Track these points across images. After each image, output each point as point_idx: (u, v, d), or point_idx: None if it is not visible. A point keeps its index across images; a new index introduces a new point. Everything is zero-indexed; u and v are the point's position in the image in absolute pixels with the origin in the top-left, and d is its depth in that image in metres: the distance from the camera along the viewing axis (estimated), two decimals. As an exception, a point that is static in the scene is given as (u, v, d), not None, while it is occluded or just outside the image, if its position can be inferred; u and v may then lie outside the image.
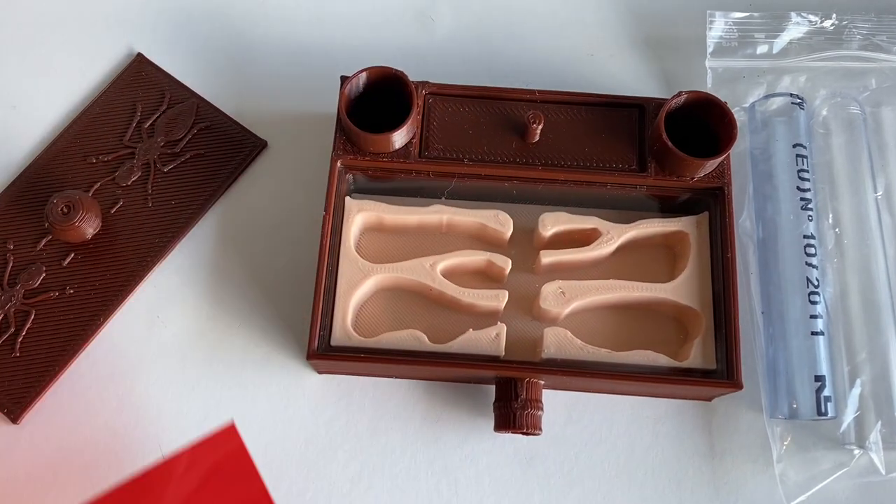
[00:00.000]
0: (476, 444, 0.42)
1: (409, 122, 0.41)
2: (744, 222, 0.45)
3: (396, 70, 0.42)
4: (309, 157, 0.47)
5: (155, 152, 0.47)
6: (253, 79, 0.49)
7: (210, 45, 0.50)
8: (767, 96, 0.47)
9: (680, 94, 0.42)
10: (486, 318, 0.42)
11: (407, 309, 0.43)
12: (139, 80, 0.49)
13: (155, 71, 0.49)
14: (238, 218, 0.46)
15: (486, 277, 0.44)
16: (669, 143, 0.41)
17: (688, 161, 0.41)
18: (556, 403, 0.43)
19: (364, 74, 0.42)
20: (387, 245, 0.44)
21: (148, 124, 0.48)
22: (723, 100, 0.46)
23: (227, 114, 0.48)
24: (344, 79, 0.42)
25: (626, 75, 0.49)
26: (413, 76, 0.44)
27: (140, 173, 0.47)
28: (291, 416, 0.43)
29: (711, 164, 0.42)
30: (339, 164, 0.42)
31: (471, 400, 0.43)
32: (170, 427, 0.42)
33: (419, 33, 0.50)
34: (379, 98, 0.43)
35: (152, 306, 0.44)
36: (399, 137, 0.42)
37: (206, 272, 0.45)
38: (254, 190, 0.47)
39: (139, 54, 0.49)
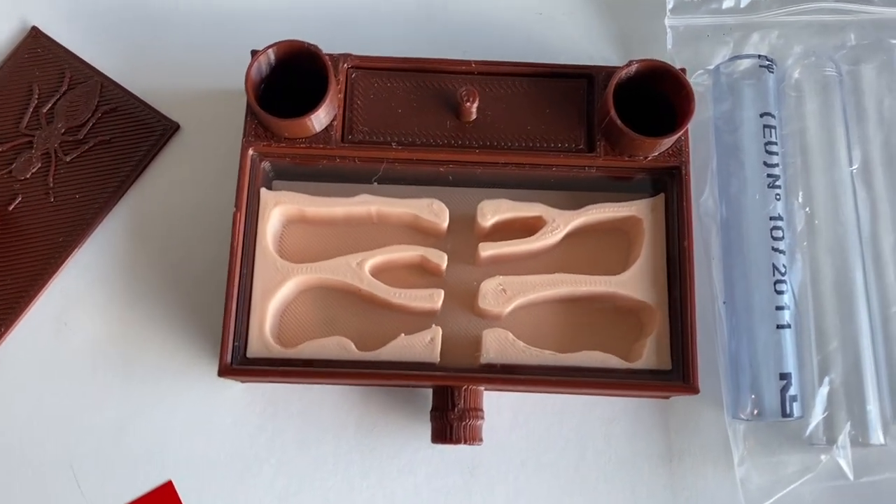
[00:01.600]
0: (414, 453, 0.39)
1: (327, 101, 0.37)
2: (706, 201, 0.41)
3: (308, 44, 0.37)
4: (226, 139, 0.42)
5: (55, 140, 0.43)
6: (162, 54, 0.44)
7: (113, 16, 0.45)
8: (734, 58, 0.42)
9: (630, 63, 0.37)
10: (422, 318, 0.39)
11: (334, 311, 0.39)
12: (35, 59, 0.44)
13: (53, 47, 0.44)
14: (150, 210, 0.42)
15: (422, 271, 0.40)
16: (619, 121, 0.37)
17: (640, 140, 0.37)
18: (499, 406, 0.39)
19: (271, 51, 0.37)
20: (312, 239, 0.40)
21: (47, 108, 0.43)
22: (684, 63, 0.42)
23: (135, 94, 0.43)
24: (255, 53, 0.38)
25: (578, 36, 0.44)
26: (341, 46, 0.39)
27: (40, 164, 0.42)
28: (213, 428, 0.39)
29: (667, 143, 0.37)
30: (251, 152, 0.38)
31: (408, 405, 0.40)
32: (82, 443, 0.39)
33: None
34: (299, 76, 0.38)
35: (59, 312, 0.41)
36: (317, 120, 0.37)
37: (116, 272, 0.41)
38: (166, 178, 0.42)
39: (34, 28, 0.44)
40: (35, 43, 0.44)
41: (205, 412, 0.39)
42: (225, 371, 0.36)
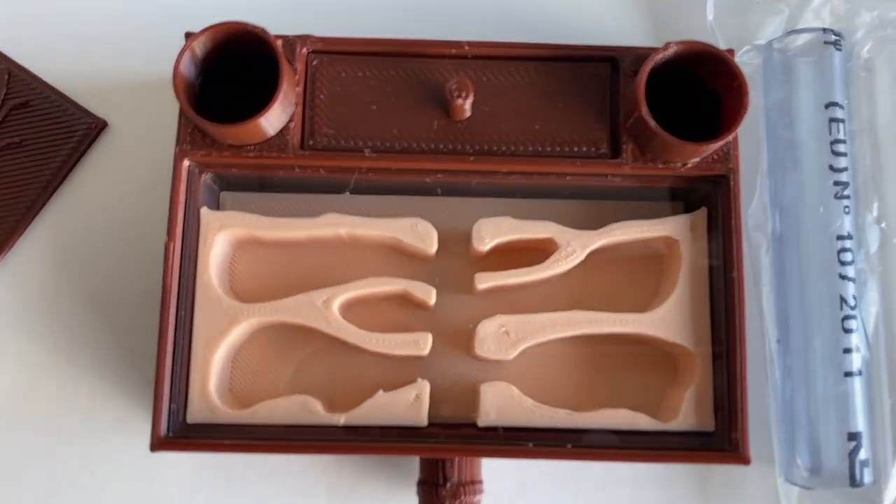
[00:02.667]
0: (399, 527, 0.32)
1: (280, 98, 0.29)
2: (754, 211, 0.34)
3: (251, 26, 0.29)
4: (164, 137, 0.34)
5: (-43, 142, 0.35)
6: (85, 37, 0.36)
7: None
8: (790, 32, 0.34)
9: (667, 45, 0.29)
10: (406, 367, 0.31)
11: (297, 361, 0.32)
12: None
13: (-48, 24, 0.36)
14: (73, 228, 0.35)
15: (405, 304, 0.32)
16: (652, 121, 0.29)
17: (678, 145, 0.29)
18: (501, 471, 0.33)
19: (205, 38, 0.29)
20: (269, 267, 0.32)
21: (-58, 102, 0.35)
22: (728, 38, 0.35)
23: (52, 85, 0.35)
24: (189, 38, 0.30)
25: (599, 8, 0.35)
26: (299, 27, 0.31)
27: (-61, 172, 0.35)
28: (155, 500, 0.32)
29: (712, 148, 0.30)
30: (186, 164, 0.30)
31: (390, 469, 0.33)
32: (-5, 520, 0.32)
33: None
34: (247, 67, 0.30)
35: (-34, 357, 0.33)
36: (269, 122, 0.29)
37: (33, 305, 0.34)
38: (92, 188, 0.35)
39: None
40: (-72, 21, 0.36)
41: (144, 484, 0.33)
42: (159, 445, 0.28)
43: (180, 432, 0.29)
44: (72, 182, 0.35)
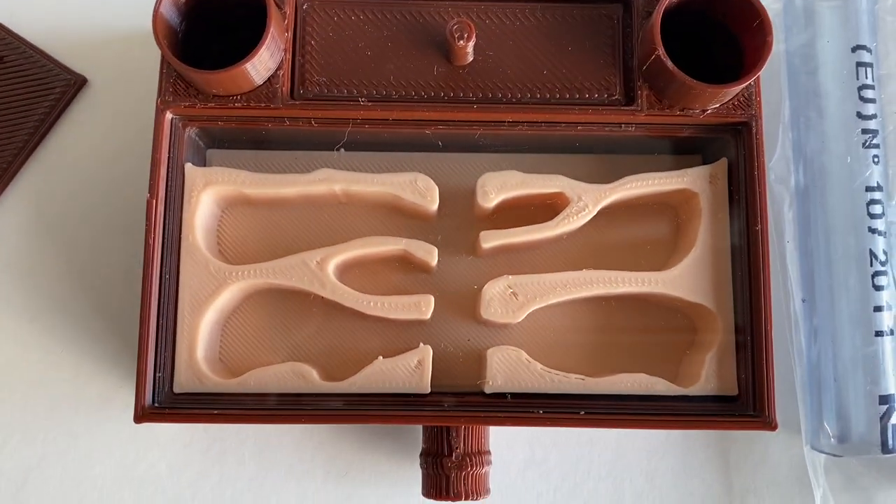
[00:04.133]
0: (401, 502, 0.30)
1: (268, 42, 0.27)
2: (777, 164, 0.32)
3: (238, -37, 0.27)
4: (146, 94, 0.32)
5: (-69, 101, 0.33)
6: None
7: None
8: (814, -28, 0.32)
9: (685, -19, 0.27)
10: (407, 332, 0.29)
11: (291, 325, 0.30)
12: None
13: (-78, -24, 0.34)
14: (52, 190, 0.33)
15: (405, 266, 0.30)
16: (669, 62, 0.27)
17: (697, 88, 0.27)
18: (510, 437, 0.31)
19: (186, -25, 0.27)
20: (259, 228, 0.30)
21: (-83, 58, 0.33)
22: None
23: (28, 40, 0.33)
24: (170, -20, 0.27)
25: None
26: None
27: None
28: (143, 475, 0.31)
29: (732, 92, 0.28)
30: (169, 117, 0.28)
31: (392, 441, 0.31)
32: (-24, 498, 0.30)
33: None
34: (231, 13, 0.28)
35: (-60, 328, 0.31)
36: (255, 69, 0.27)
37: (12, 273, 0.32)
38: (71, 148, 0.33)
39: None
40: None
41: (132, 457, 0.31)
42: (144, 415, 0.27)
43: (167, 402, 0.27)
44: (49, 142, 0.33)
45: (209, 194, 0.29)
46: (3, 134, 0.32)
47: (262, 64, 0.27)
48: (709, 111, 0.28)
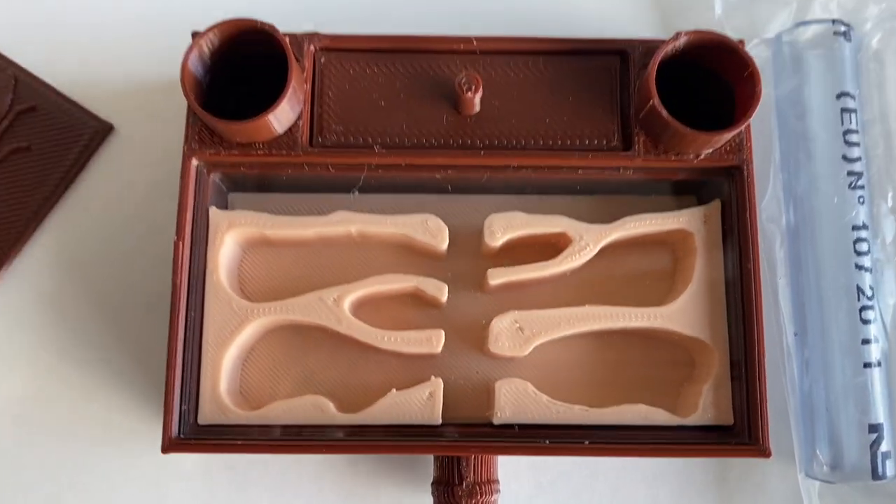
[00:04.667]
0: (414, 529, 0.32)
1: (289, 95, 0.29)
2: (768, 204, 0.33)
3: (260, 23, 0.28)
4: (170, 140, 0.34)
5: (-36, 148, 0.35)
6: (90, 40, 0.35)
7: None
8: (799, 24, 0.34)
9: (677, 35, 0.29)
10: (419, 365, 0.31)
11: (308, 360, 0.31)
12: (-63, 46, 0.36)
13: (-41, 31, 0.36)
14: (81, 231, 0.34)
15: (417, 302, 0.32)
16: (663, 111, 0.29)
17: (690, 135, 0.29)
18: (517, 468, 0.32)
19: (213, 34, 0.28)
20: (279, 266, 0.32)
21: (-48, 108, 0.35)
22: (737, 31, 0.34)
23: (58, 90, 0.35)
24: (195, 37, 0.29)
25: (605, 6, 0.35)
26: (312, 20, 0.31)
27: (-54, 179, 0.34)
28: (166, 504, 0.32)
29: (725, 138, 0.29)
30: (195, 163, 0.30)
31: (405, 470, 0.32)
32: (5, 527, 0.32)
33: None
34: (254, 65, 0.30)
35: (-27, 362, 0.33)
36: (277, 120, 0.29)
37: (40, 312, 0.33)
38: (99, 192, 0.35)
39: (-66, 9, 0.36)
40: (-67, 28, 0.36)
41: (155, 488, 0.32)
42: (170, 446, 0.28)
43: (191, 434, 0.29)
44: (79, 186, 0.34)
45: (232, 236, 0.30)
46: (35, 178, 0.34)
47: (283, 115, 0.29)
48: (702, 156, 0.30)
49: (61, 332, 0.33)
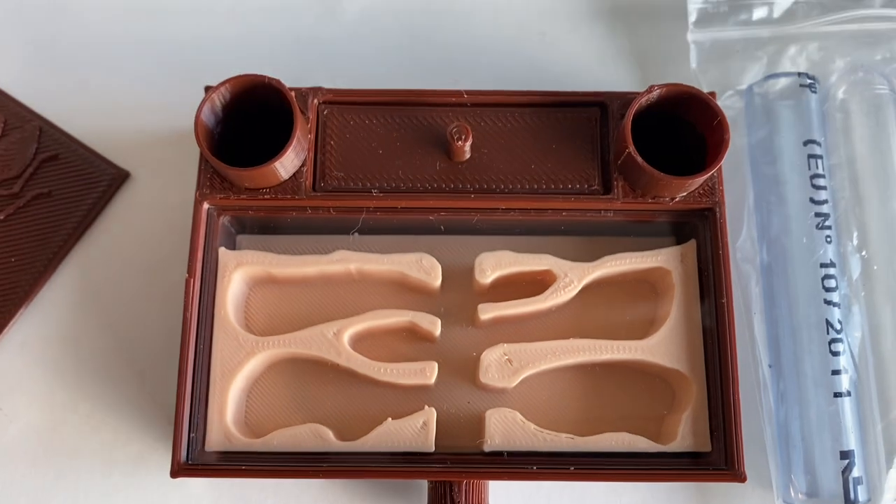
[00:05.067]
0: (409, 554, 0.33)
1: (294, 144, 0.31)
2: (743, 244, 0.35)
3: (268, 78, 0.31)
4: (182, 186, 0.36)
5: (-11, 195, 0.37)
6: (107, 93, 0.38)
7: (53, 51, 0.39)
8: (769, 77, 0.36)
9: (651, 88, 0.32)
10: (413, 395, 0.33)
11: (309, 390, 0.33)
12: (-35, 101, 0.39)
13: (-15, 87, 0.39)
14: (96, 273, 0.36)
15: (412, 336, 0.34)
16: (639, 159, 0.31)
17: (665, 180, 0.31)
18: (508, 495, 0.34)
19: (225, 89, 0.31)
20: (283, 302, 0.34)
21: (-21, 158, 0.38)
22: (711, 83, 0.37)
23: (78, 139, 0.37)
24: (208, 91, 0.32)
25: (587, 57, 0.38)
26: (312, 78, 0.34)
27: (-28, 223, 0.37)
28: (173, 530, 0.33)
29: (697, 182, 0.32)
30: (206, 207, 0.32)
31: (399, 497, 0.34)
32: (19, 552, 0.33)
33: (321, 20, 0.39)
34: (261, 115, 0.33)
35: (-6, 394, 0.35)
36: (283, 167, 0.32)
37: (58, 348, 0.35)
38: (115, 235, 0.37)
39: (-35, 66, 0.39)
40: (-36, 83, 0.39)
41: (163, 512, 0.34)
42: (179, 471, 0.30)
43: (199, 459, 0.30)
44: (95, 229, 0.37)
45: (239, 274, 0.33)
46: (55, 221, 0.37)
47: (288, 162, 0.32)
48: (678, 199, 0.32)
49: (78, 367, 0.35)
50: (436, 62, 0.38)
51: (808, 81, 0.36)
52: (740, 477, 0.30)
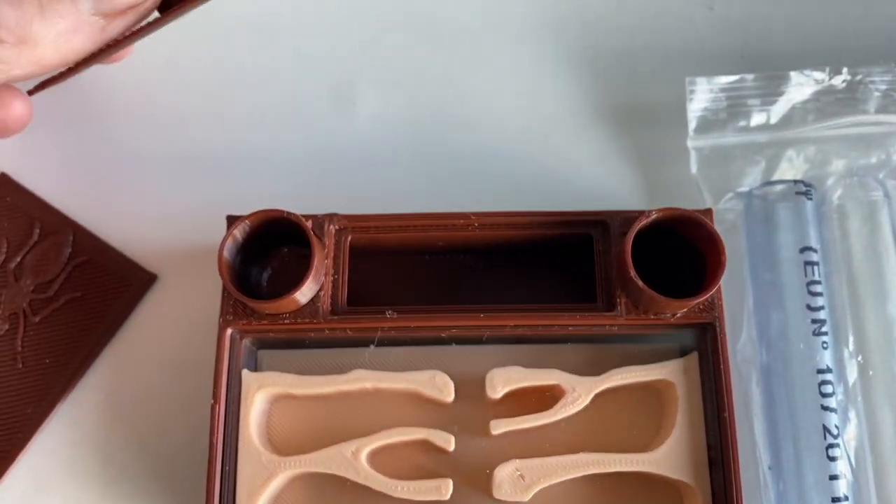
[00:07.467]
0: None
1: (312, 274, 0.33)
2: (743, 346, 0.37)
3: (286, 213, 0.33)
4: (204, 288, 0.38)
5: (25, 299, 0.39)
6: (138, 201, 0.40)
7: (87, 162, 0.41)
8: (766, 183, 0.38)
9: (649, 213, 0.33)
10: (429, 507, 0.34)
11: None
12: (3, 208, 0.40)
13: (22, 194, 0.40)
14: (126, 372, 0.38)
15: (427, 447, 0.35)
16: (640, 282, 0.32)
17: (665, 302, 0.32)
18: None
19: (246, 223, 0.33)
20: (303, 417, 0.36)
21: (14, 264, 0.39)
22: (711, 187, 0.38)
23: (109, 244, 0.40)
24: (231, 220, 0.34)
25: (591, 171, 0.40)
26: (333, 191, 0.36)
27: (7, 326, 0.39)
28: None
29: (696, 301, 0.33)
30: (229, 332, 0.34)
31: None
32: None
33: (340, 119, 0.41)
34: (280, 238, 0.34)
35: (25, 497, 0.36)
36: (302, 294, 0.33)
37: (90, 445, 0.37)
38: (143, 336, 0.38)
39: (2, 174, 0.41)
40: (3, 191, 0.41)
41: None
42: (208, 592, 0.31)
43: (227, 579, 0.32)
44: (124, 330, 0.38)
45: (261, 395, 0.34)
46: (87, 322, 0.38)
47: (307, 290, 0.33)
48: (678, 314, 0.34)
49: (106, 464, 0.36)
50: (445, 187, 0.39)
51: (804, 189, 0.37)
52: (744, 589, 0.31)
